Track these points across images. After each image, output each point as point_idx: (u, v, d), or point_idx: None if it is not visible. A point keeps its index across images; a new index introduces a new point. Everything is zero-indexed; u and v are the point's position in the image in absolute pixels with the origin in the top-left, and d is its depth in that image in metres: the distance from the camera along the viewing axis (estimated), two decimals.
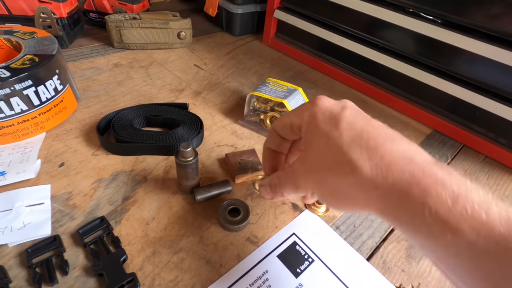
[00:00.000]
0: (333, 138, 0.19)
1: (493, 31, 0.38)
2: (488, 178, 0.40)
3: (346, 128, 0.19)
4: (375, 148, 0.18)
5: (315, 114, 0.21)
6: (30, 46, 0.37)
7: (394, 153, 0.18)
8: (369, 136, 0.18)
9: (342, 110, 0.20)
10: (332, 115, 0.20)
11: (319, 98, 0.22)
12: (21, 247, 0.26)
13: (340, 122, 0.19)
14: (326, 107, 0.21)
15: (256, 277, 0.26)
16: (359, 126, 0.19)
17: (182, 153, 0.28)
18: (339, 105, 0.21)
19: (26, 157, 0.33)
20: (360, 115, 0.21)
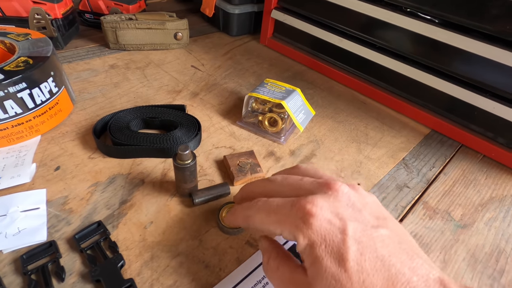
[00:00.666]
0: (343, 285, 0.17)
1: (491, 31, 0.38)
2: (486, 178, 0.40)
3: (356, 271, 0.17)
4: None
5: (313, 242, 0.18)
6: (24, 48, 0.36)
7: None
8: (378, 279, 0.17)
9: (344, 236, 0.18)
10: (335, 248, 0.18)
11: (312, 214, 0.19)
12: (16, 254, 0.26)
13: (346, 262, 0.17)
14: (324, 232, 0.18)
15: (256, 280, 0.26)
16: (367, 264, 0.17)
17: (180, 156, 0.28)
18: (337, 224, 0.19)
19: (21, 161, 0.33)
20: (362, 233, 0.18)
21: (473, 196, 0.37)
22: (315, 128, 0.44)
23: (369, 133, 0.45)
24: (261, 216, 0.21)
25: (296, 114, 0.40)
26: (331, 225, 0.19)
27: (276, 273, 0.21)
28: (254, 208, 0.22)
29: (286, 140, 0.41)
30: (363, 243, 0.18)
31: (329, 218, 0.19)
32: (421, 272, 0.17)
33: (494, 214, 0.35)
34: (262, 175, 0.35)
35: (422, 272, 0.17)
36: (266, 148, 0.40)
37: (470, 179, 0.39)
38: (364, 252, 0.18)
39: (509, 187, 0.38)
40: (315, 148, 0.41)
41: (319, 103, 0.50)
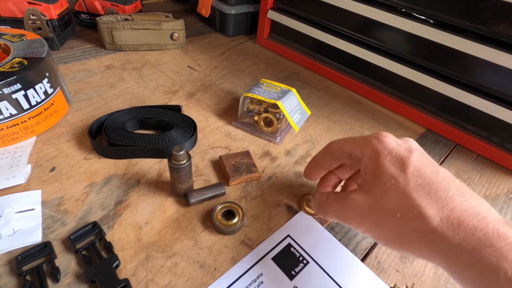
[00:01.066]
0: (400, 183, 0.19)
1: (484, 31, 0.38)
2: (480, 177, 0.40)
3: (414, 175, 0.19)
4: (445, 199, 0.18)
5: (380, 152, 0.21)
6: (19, 48, 0.36)
7: (465, 207, 0.17)
8: (439, 187, 0.18)
9: (409, 154, 0.20)
10: (400, 157, 0.20)
11: (385, 135, 0.22)
12: (11, 255, 0.26)
13: (407, 167, 0.19)
14: (392, 147, 0.21)
15: (251, 280, 0.26)
16: (427, 174, 0.19)
17: (175, 156, 0.28)
18: (405, 147, 0.21)
19: (16, 162, 0.33)
20: (427, 160, 0.20)
21: None
22: (311, 128, 0.45)
23: (365, 132, 0.45)
24: (340, 141, 0.25)
25: (292, 114, 0.40)
26: (399, 146, 0.21)
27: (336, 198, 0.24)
28: (335, 141, 0.26)
29: (282, 140, 0.41)
30: (425, 163, 0.20)
31: (398, 142, 0.22)
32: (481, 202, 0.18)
33: None
34: (258, 175, 0.35)
35: (482, 203, 0.18)
36: (261, 148, 0.40)
37: (464, 178, 0.39)
38: (425, 166, 0.19)
39: (503, 186, 0.39)
40: (310, 148, 0.41)
41: (315, 103, 0.51)
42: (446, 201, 0.17)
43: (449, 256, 0.17)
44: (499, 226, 0.17)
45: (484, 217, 0.17)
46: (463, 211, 0.17)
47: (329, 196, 0.25)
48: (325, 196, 0.25)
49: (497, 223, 0.17)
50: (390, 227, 0.20)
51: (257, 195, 0.33)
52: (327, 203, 0.25)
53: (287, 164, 0.38)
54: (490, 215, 0.17)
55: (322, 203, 0.25)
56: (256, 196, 0.33)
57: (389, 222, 0.20)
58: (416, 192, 0.18)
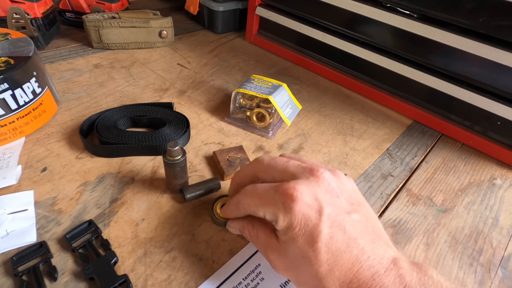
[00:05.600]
0: (310, 261, 0.20)
1: (466, 24, 0.39)
2: (465, 165, 0.42)
3: (323, 251, 0.19)
4: (346, 273, 0.19)
5: (291, 225, 0.20)
6: (4, 48, 0.36)
7: (360, 274, 0.19)
8: (343, 262, 0.19)
9: (318, 220, 0.20)
10: (309, 230, 0.20)
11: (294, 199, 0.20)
12: (6, 256, 0.25)
13: (316, 243, 0.19)
14: (301, 217, 0.20)
15: (249, 271, 0.26)
16: (334, 245, 0.19)
17: (170, 152, 0.28)
18: (315, 207, 0.20)
19: (6, 164, 0.32)
20: (335, 216, 0.20)
21: (453, 182, 0.39)
22: (302, 122, 0.45)
23: (354, 125, 0.46)
24: (248, 200, 0.24)
25: (283, 109, 0.41)
26: (310, 208, 0.20)
27: (257, 240, 0.24)
28: (242, 194, 0.25)
29: (274, 134, 0.42)
30: (334, 227, 0.20)
31: (308, 203, 0.21)
32: (379, 252, 0.20)
33: (473, 198, 0.37)
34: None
35: (380, 252, 0.20)
36: (254, 143, 0.40)
37: (450, 166, 0.41)
38: (334, 235, 0.20)
39: (486, 172, 0.41)
40: (302, 142, 0.42)
41: (305, 97, 0.51)
42: (347, 274, 0.19)
43: None
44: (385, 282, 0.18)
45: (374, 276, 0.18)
46: (359, 280, 0.19)
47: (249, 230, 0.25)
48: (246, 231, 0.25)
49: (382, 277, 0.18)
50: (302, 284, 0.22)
51: None
52: (248, 237, 0.25)
53: None
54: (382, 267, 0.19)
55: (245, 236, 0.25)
56: None
57: (300, 285, 0.22)
58: (323, 272, 0.19)
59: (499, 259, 0.30)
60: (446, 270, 0.29)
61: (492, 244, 0.31)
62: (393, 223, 0.32)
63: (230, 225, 0.27)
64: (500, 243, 0.32)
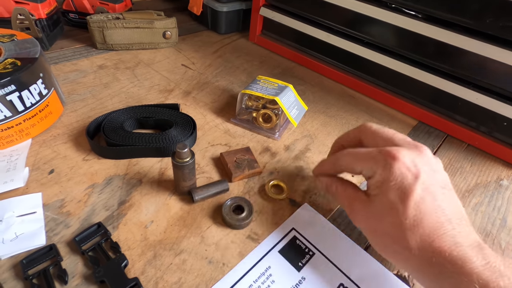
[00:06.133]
0: (398, 212, 0.21)
1: (471, 24, 0.39)
2: (471, 165, 0.42)
3: (412, 208, 0.21)
4: (430, 234, 0.20)
5: (387, 178, 0.22)
6: (10, 49, 0.35)
7: (443, 239, 0.20)
8: (428, 223, 0.20)
9: (414, 182, 0.21)
10: (403, 186, 0.21)
11: (397, 158, 0.22)
12: (15, 259, 0.25)
13: (408, 200, 0.21)
14: (400, 174, 0.22)
15: (260, 273, 0.26)
16: (424, 208, 0.21)
17: (179, 154, 0.28)
18: (413, 171, 0.22)
19: (13, 166, 0.32)
20: (431, 186, 0.22)
21: (460, 183, 0.38)
22: (308, 123, 0.45)
23: None
24: (348, 159, 0.26)
25: (290, 110, 0.41)
26: (408, 170, 0.22)
27: (344, 193, 0.26)
28: (342, 153, 0.27)
29: (281, 135, 0.42)
30: (427, 192, 0.21)
31: (408, 165, 0.22)
32: (465, 229, 0.21)
33: (480, 199, 0.37)
34: (259, 170, 0.35)
35: (465, 230, 0.21)
36: (261, 144, 0.40)
37: (456, 167, 0.41)
38: (425, 198, 0.21)
39: (493, 173, 0.41)
40: (309, 143, 0.41)
41: (310, 98, 0.51)
42: (430, 235, 0.20)
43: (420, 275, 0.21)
44: (467, 254, 0.19)
45: (458, 245, 0.20)
46: (441, 243, 0.20)
47: (339, 186, 0.27)
48: (335, 185, 0.27)
49: (467, 250, 0.20)
50: (380, 240, 0.24)
51: (260, 190, 0.34)
52: (337, 192, 0.27)
53: (287, 159, 0.38)
54: (465, 242, 0.20)
55: (332, 191, 0.28)
56: (259, 191, 0.34)
57: (381, 237, 0.23)
58: (407, 227, 0.21)
59: None
60: None
61: (501, 246, 0.31)
62: None
63: (320, 179, 0.29)
64: (509, 244, 0.32)
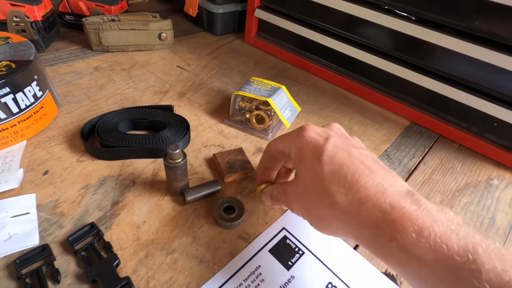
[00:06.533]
0: (316, 172, 0.21)
1: (462, 27, 0.40)
2: (462, 165, 0.42)
3: (327, 162, 0.21)
4: (351, 183, 0.19)
5: (301, 146, 0.23)
6: (5, 51, 0.36)
7: (368, 187, 0.19)
8: (348, 171, 0.20)
9: (324, 142, 0.22)
10: (316, 148, 0.22)
11: (305, 128, 0.24)
12: (9, 259, 0.26)
13: (322, 156, 0.21)
14: (311, 139, 0.23)
15: (250, 272, 0.27)
16: (338, 159, 0.21)
17: (171, 155, 0.29)
18: (323, 135, 0.23)
19: (7, 167, 0.33)
20: (342, 144, 0.22)
21: (451, 183, 0.39)
22: (301, 124, 0.45)
23: (353, 127, 0.47)
24: (274, 141, 0.28)
25: (282, 111, 0.41)
26: (318, 135, 0.23)
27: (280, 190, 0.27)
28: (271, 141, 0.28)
29: (274, 136, 0.42)
30: (340, 148, 0.22)
31: (318, 132, 0.24)
32: (390, 179, 0.20)
33: (470, 198, 0.37)
34: (252, 171, 0.36)
35: (391, 180, 0.20)
36: (254, 145, 0.41)
37: (447, 167, 0.42)
38: (338, 152, 0.21)
39: (483, 173, 0.41)
40: None
41: (304, 99, 0.52)
42: (351, 184, 0.19)
43: (358, 234, 0.20)
44: (396, 200, 0.18)
45: (384, 192, 0.19)
46: (366, 191, 0.19)
47: (275, 188, 0.28)
48: (271, 189, 0.28)
49: (396, 196, 0.19)
50: (313, 213, 0.23)
51: (252, 190, 0.34)
52: (275, 194, 0.28)
53: None
54: (391, 189, 0.19)
55: (272, 196, 0.28)
56: (251, 191, 0.34)
57: (313, 208, 0.23)
58: (327, 181, 0.20)
59: None
60: None
61: None
62: None
63: (263, 192, 0.29)
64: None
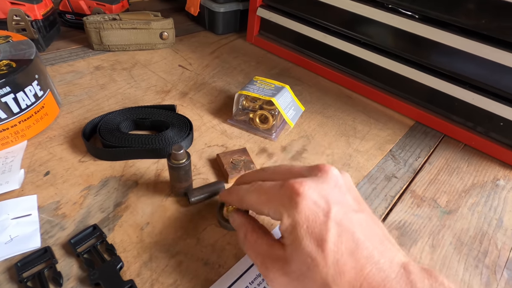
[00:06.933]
0: (319, 265, 0.18)
1: (467, 25, 0.39)
2: (468, 166, 0.42)
3: (331, 252, 0.18)
4: (356, 279, 0.18)
5: (296, 223, 0.19)
6: (5, 50, 0.35)
7: (371, 281, 0.18)
8: (353, 267, 0.18)
9: (326, 219, 0.19)
10: (317, 230, 0.19)
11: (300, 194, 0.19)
12: (10, 262, 0.25)
13: (326, 243, 0.18)
14: (308, 214, 0.19)
15: (256, 275, 0.26)
16: (344, 250, 0.18)
17: (175, 156, 0.28)
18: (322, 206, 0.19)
19: (8, 168, 0.32)
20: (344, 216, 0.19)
21: (457, 183, 0.39)
22: (305, 124, 0.45)
23: (357, 126, 0.46)
24: (253, 197, 0.23)
25: (286, 111, 0.41)
26: (316, 206, 0.19)
27: (254, 246, 0.22)
28: (249, 189, 0.23)
29: (277, 136, 0.42)
30: (343, 227, 0.19)
31: (315, 200, 0.20)
32: (388, 255, 0.19)
33: (477, 199, 0.37)
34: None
35: (389, 255, 0.19)
36: (258, 145, 0.40)
37: (453, 167, 0.41)
38: (342, 235, 0.19)
39: (489, 174, 0.41)
40: (306, 143, 0.41)
41: (307, 99, 0.51)
42: (357, 278, 0.18)
43: None
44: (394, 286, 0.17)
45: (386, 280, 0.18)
46: (369, 284, 0.18)
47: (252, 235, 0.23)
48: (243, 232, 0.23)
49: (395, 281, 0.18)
50: None
51: None
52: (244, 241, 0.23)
53: (284, 160, 0.38)
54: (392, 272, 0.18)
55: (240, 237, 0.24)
56: None
57: None
58: (332, 277, 0.18)
59: (504, 261, 0.30)
60: (452, 272, 0.29)
61: (497, 246, 0.31)
62: (398, 225, 0.32)
63: (233, 215, 0.25)
64: (505, 244, 0.32)
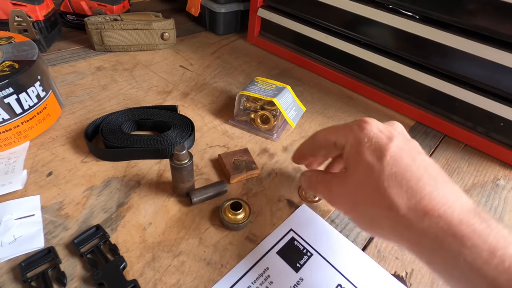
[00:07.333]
0: (376, 171, 0.20)
1: (468, 25, 0.40)
2: (468, 166, 0.42)
3: (390, 163, 0.19)
4: (416, 189, 0.18)
5: (360, 141, 0.21)
6: (7, 51, 0.35)
7: (434, 197, 0.18)
8: (412, 176, 0.19)
9: (388, 141, 0.21)
10: (378, 145, 0.21)
11: (367, 121, 0.22)
12: (14, 262, 0.25)
13: (384, 156, 0.20)
14: (373, 135, 0.21)
15: (258, 274, 0.26)
16: (403, 163, 0.19)
17: (177, 156, 0.28)
18: (386, 133, 0.21)
19: (11, 168, 0.32)
20: (406, 147, 0.21)
21: (457, 183, 0.38)
22: (306, 124, 0.45)
23: None
24: (324, 131, 0.26)
25: (288, 111, 0.41)
26: (381, 132, 0.22)
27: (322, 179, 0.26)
28: (318, 131, 0.27)
29: (279, 136, 0.42)
30: (404, 151, 0.20)
31: (380, 128, 0.22)
32: (455, 190, 0.19)
33: (477, 199, 0.37)
34: (258, 172, 0.35)
35: (456, 191, 0.19)
36: (259, 145, 0.40)
37: (453, 167, 0.41)
38: (403, 155, 0.20)
39: (489, 174, 0.41)
40: None
41: (308, 99, 0.51)
42: (416, 190, 0.18)
43: (415, 243, 0.19)
44: (464, 215, 0.17)
45: (451, 206, 0.18)
46: (431, 201, 0.18)
47: (317, 175, 0.26)
48: (314, 176, 0.27)
49: (463, 211, 0.18)
50: (363, 212, 0.21)
51: (258, 191, 0.34)
52: (315, 181, 0.26)
53: (285, 160, 0.38)
54: (457, 203, 0.18)
55: (311, 181, 0.27)
56: (257, 192, 0.34)
57: (363, 207, 0.21)
58: (388, 182, 0.19)
59: None
60: None
61: None
62: None
63: (304, 173, 0.28)
64: None
